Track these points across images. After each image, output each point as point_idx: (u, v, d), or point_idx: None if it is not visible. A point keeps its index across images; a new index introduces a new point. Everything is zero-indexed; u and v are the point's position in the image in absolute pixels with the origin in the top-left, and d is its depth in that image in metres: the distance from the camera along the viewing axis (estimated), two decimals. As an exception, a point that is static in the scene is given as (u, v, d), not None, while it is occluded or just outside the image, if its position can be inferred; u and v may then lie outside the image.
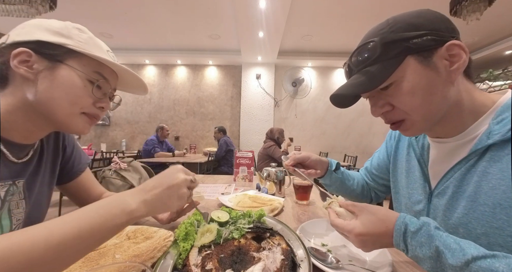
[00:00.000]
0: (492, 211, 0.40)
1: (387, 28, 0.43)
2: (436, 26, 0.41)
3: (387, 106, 0.46)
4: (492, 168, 0.41)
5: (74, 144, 0.66)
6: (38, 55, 0.43)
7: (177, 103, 4.94)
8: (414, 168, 0.58)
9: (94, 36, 0.49)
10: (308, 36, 3.81)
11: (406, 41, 0.41)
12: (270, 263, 0.39)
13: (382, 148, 0.76)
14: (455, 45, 0.41)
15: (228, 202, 0.86)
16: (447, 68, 0.42)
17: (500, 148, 0.40)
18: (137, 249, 0.47)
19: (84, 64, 0.46)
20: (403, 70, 0.42)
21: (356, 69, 0.47)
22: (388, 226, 0.41)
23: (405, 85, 0.42)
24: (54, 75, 0.43)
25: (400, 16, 0.44)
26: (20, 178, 0.50)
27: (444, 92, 0.43)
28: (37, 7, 1.98)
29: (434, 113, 0.44)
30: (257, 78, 4.68)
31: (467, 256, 0.33)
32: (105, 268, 0.32)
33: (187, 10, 3.06)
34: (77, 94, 0.46)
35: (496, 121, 0.42)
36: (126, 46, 4.35)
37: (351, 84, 0.46)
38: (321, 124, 4.92)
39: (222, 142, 3.52)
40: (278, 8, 2.71)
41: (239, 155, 1.37)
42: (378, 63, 0.43)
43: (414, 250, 0.38)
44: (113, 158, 1.20)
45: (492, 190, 0.41)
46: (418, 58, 0.41)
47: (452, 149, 0.49)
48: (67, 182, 0.65)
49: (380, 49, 0.42)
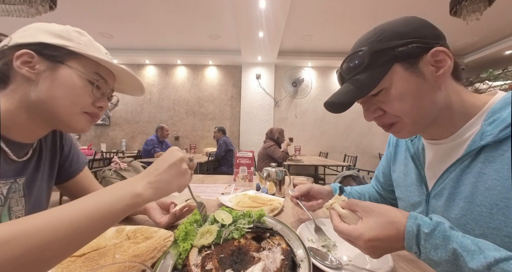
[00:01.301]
0: (490, 212, 0.41)
1: (375, 37, 0.44)
2: (421, 33, 0.43)
3: (379, 111, 0.48)
4: (488, 169, 0.42)
5: (72, 144, 0.67)
6: (40, 57, 0.44)
7: (177, 103, 4.94)
8: (411, 171, 0.59)
9: (93, 39, 0.51)
10: (308, 36, 3.81)
11: (392, 49, 0.42)
12: (270, 263, 0.39)
13: (384, 156, 0.77)
14: (439, 52, 0.42)
15: (228, 202, 0.86)
16: (433, 74, 0.43)
17: (494, 148, 0.41)
18: (137, 249, 0.47)
19: (84, 65, 0.48)
20: (391, 77, 0.44)
21: (347, 77, 0.49)
22: (399, 228, 0.38)
23: (394, 91, 0.44)
24: (56, 75, 0.45)
25: (387, 24, 0.45)
26: (21, 176, 0.51)
27: (432, 96, 0.44)
28: (37, 7, 1.98)
29: (424, 116, 0.46)
30: (257, 78, 4.68)
31: (489, 259, 0.30)
32: (105, 268, 0.32)
33: (187, 10, 3.06)
34: (78, 93, 0.47)
35: (488, 122, 0.42)
36: (126, 46, 4.34)
37: (342, 92, 0.48)
38: (321, 124, 4.92)
39: (221, 141, 3.52)
40: (278, 8, 2.71)
41: (239, 155, 1.37)
42: (366, 72, 0.45)
43: (428, 253, 0.35)
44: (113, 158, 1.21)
45: (488, 190, 0.41)
46: (405, 65, 0.43)
47: (446, 150, 0.50)
48: (66, 181, 0.65)
49: (368, 58, 0.44)
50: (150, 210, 0.66)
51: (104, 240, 0.52)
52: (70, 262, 0.43)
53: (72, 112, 0.48)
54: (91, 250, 0.47)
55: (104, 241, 0.51)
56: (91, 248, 0.47)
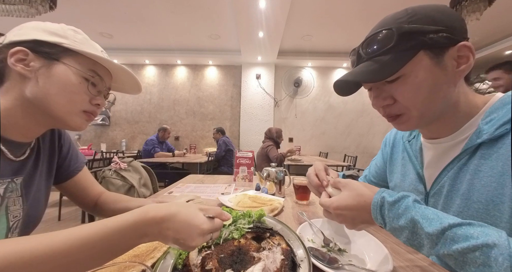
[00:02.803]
0: (486, 208, 0.41)
1: (406, 18, 0.41)
2: (453, 24, 0.41)
3: (389, 100, 0.46)
4: (483, 166, 0.42)
5: (70, 143, 0.67)
6: (35, 54, 0.44)
7: (177, 103, 4.94)
8: (410, 171, 0.59)
9: (88, 37, 0.51)
10: (308, 36, 3.81)
11: (423, 34, 0.40)
12: (270, 263, 0.39)
13: (379, 156, 0.77)
14: (466, 47, 0.41)
15: (228, 202, 0.86)
16: (454, 69, 0.42)
17: (489, 146, 0.42)
18: (137, 249, 0.47)
19: (79, 63, 0.47)
20: (414, 64, 0.41)
21: (367, 56, 0.45)
22: (367, 200, 0.42)
23: (412, 80, 0.42)
24: (51, 72, 0.45)
25: (419, 7, 0.42)
26: (18, 176, 0.51)
27: (446, 92, 0.43)
28: (37, 7, 1.98)
29: (432, 111, 0.45)
30: (257, 78, 4.68)
31: (444, 224, 0.34)
32: (105, 268, 0.32)
33: (187, 10, 3.06)
34: (73, 91, 0.47)
35: (485, 121, 0.43)
36: (126, 46, 4.34)
37: (362, 72, 0.45)
38: (321, 124, 4.92)
39: (221, 142, 3.52)
40: (278, 8, 2.70)
41: (239, 155, 1.37)
42: (390, 54, 0.42)
43: (391, 222, 0.39)
44: (113, 158, 1.21)
45: (484, 187, 0.42)
46: (430, 54, 0.41)
47: (445, 149, 0.50)
48: (64, 181, 0.65)
49: (396, 39, 0.40)
50: None
51: (104, 240, 0.52)
52: (70, 262, 0.42)
53: (68, 110, 0.48)
54: (91, 250, 0.47)
55: (104, 241, 0.51)
56: (91, 248, 0.47)
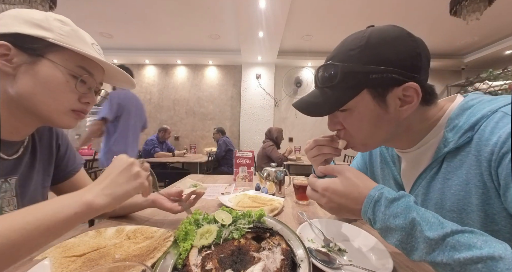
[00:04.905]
0: (459, 217, 0.42)
1: (357, 51, 0.42)
2: (403, 62, 0.41)
3: (339, 125, 0.50)
4: (451, 174, 0.43)
5: (68, 143, 0.65)
6: (18, 49, 0.41)
7: (177, 103, 4.94)
8: (389, 176, 0.60)
9: (78, 28, 0.47)
10: (308, 36, 3.81)
11: (366, 75, 0.41)
12: (270, 263, 0.39)
13: (358, 157, 0.76)
14: (411, 88, 0.41)
15: (228, 202, 0.86)
16: (397, 108, 0.43)
17: (455, 154, 0.43)
18: (137, 249, 0.47)
19: (66, 59, 0.44)
20: (357, 101, 0.44)
21: (319, 84, 0.49)
22: (361, 192, 0.40)
23: (356, 115, 0.46)
24: (35, 70, 0.42)
25: (377, 36, 0.42)
26: (12, 175, 0.49)
27: (388, 127, 0.46)
28: (37, 7, 1.98)
29: (376, 141, 0.50)
30: (257, 78, 4.67)
31: (446, 230, 0.32)
32: (105, 268, 0.32)
33: (187, 10, 3.05)
34: (60, 90, 0.44)
35: (449, 129, 0.44)
36: (126, 46, 4.34)
37: (308, 104, 0.49)
38: (321, 125, 4.91)
39: (221, 142, 3.53)
40: (278, 8, 2.70)
41: (239, 155, 1.37)
42: (335, 90, 0.45)
43: (386, 219, 0.36)
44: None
45: (454, 196, 0.42)
46: (374, 93, 0.43)
47: (414, 157, 0.51)
48: (61, 182, 0.64)
49: (340, 77, 0.43)
50: (159, 200, 0.66)
51: (104, 240, 0.52)
52: (70, 262, 0.42)
53: (54, 110, 0.45)
54: (91, 250, 0.47)
55: (104, 241, 0.51)
56: (91, 248, 0.47)
